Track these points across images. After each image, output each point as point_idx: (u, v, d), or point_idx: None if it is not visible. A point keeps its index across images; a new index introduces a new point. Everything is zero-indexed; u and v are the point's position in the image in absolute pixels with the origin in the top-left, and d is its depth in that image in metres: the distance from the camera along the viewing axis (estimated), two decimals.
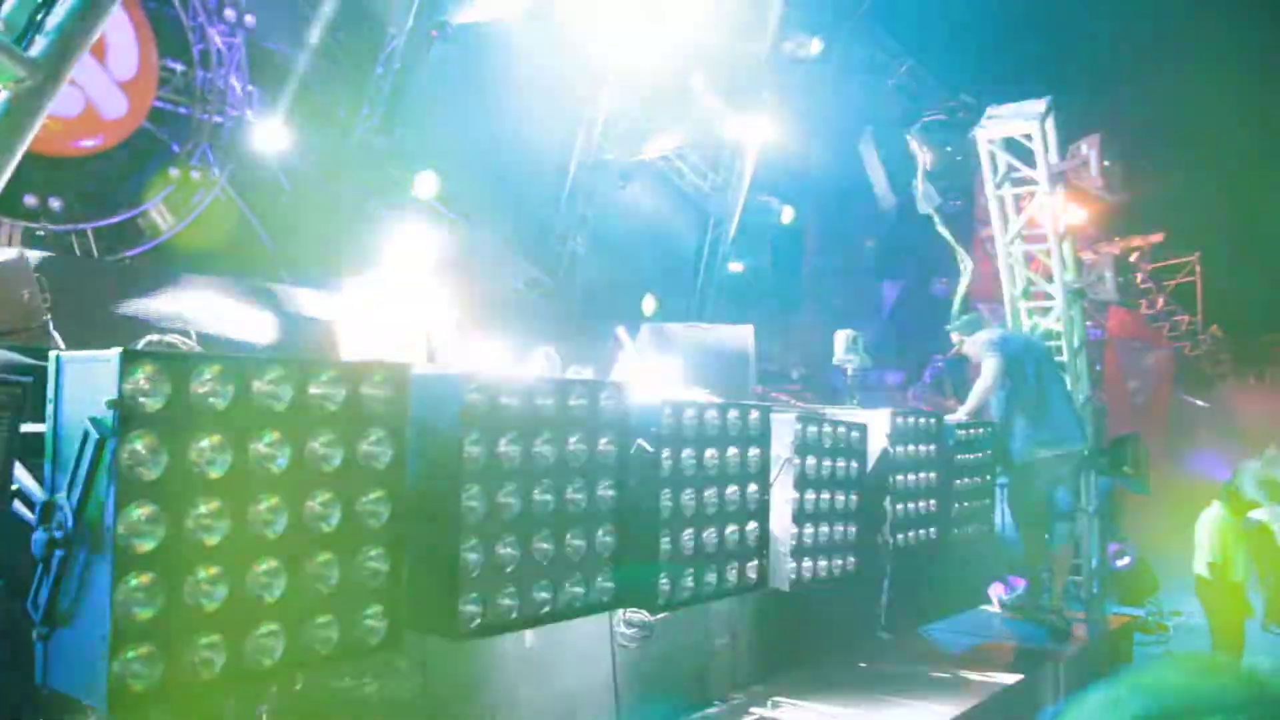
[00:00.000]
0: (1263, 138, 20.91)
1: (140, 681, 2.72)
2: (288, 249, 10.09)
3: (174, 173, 9.38)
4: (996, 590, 9.56)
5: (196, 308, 7.71)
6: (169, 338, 4.36)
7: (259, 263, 9.80)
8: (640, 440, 4.27)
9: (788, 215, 16.03)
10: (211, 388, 2.92)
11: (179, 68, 9.59)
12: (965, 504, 7.45)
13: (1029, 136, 8.63)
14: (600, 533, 4.12)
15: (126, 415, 2.72)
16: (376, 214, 10.20)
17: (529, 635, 4.34)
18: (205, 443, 2.89)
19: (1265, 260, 23.09)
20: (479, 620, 3.63)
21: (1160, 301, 23.40)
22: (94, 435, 2.71)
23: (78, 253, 8.76)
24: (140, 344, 4.23)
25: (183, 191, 9.43)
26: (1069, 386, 8.70)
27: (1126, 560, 13.65)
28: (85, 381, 2.83)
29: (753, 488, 4.93)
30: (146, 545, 2.75)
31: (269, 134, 9.80)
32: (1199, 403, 22.16)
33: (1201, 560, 9.11)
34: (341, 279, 8.82)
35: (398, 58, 10.93)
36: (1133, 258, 20.61)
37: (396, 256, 8.97)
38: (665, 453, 4.39)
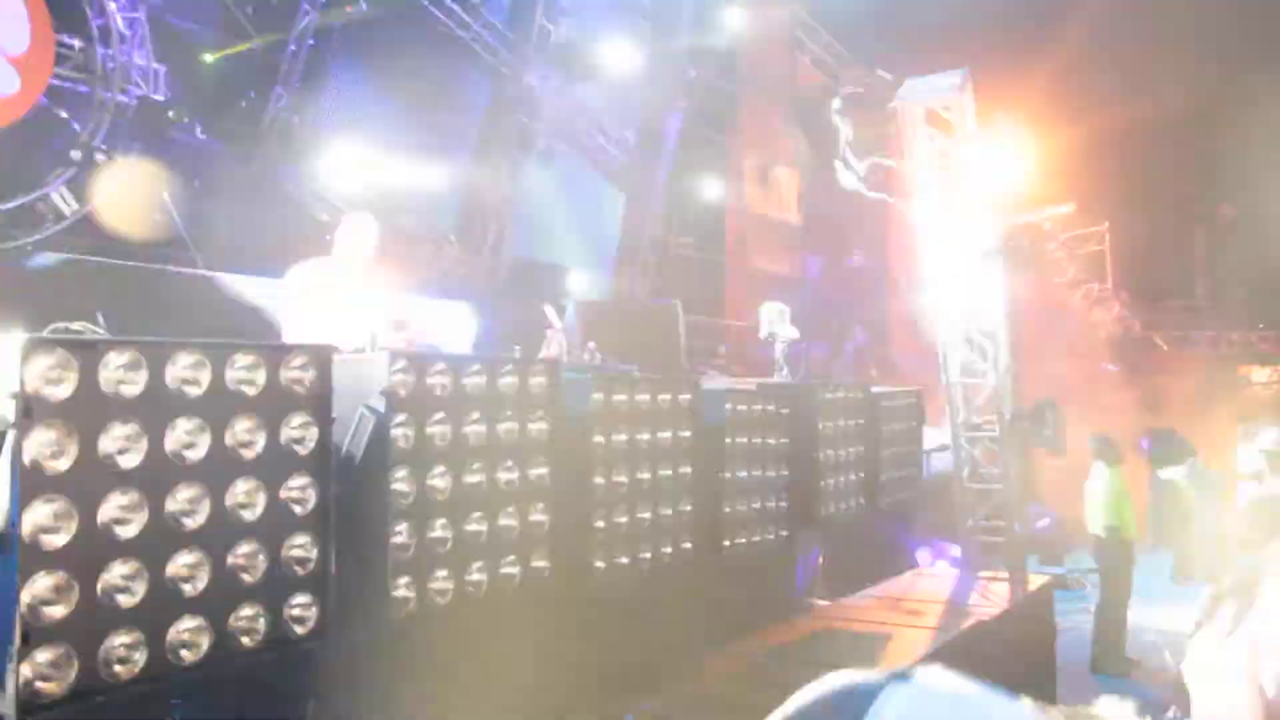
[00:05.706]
0: (1167, 108, 21.64)
1: (53, 684, 2.61)
2: (200, 233, 9.74)
3: (76, 155, 8.92)
4: (924, 555, 9.80)
5: (104, 295, 7.39)
6: (75, 325, 4.17)
7: (170, 247, 9.43)
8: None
9: (713, 191, 16.08)
10: (122, 375, 2.80)
11: (77, 44, 9.12)
12: (893, 473, 7.59)
13: (948, 108, 8.77)
14: (534, 512, 4.08)
15: (30, 406, 2.59)
16: (292, 196, 9.90)
17: None
18: (117, 432, 2.77)
19: (1171, 228, 24.01)
20: (412, 605, 3.57)
21: (1071, 271, 24.13)
22: None
23: None
24: (45, 331, 4.04)
25: (86, 174, 9.00)
26: (989, 355, 8.91)
27: (1046, 522, 14.14)
28: None
29: (685, 467, 4.95)
30: (56, 541, 2.63)
31: (178, 114, 9.42)
32: (1110, 368, 22.96)
33: (1098, 522, 9.42)
34: (257, 263, 8.54)
35: (311, 33, 10.60)
36: (1046, 227, 21.20)
37: (313, 241, 8.73)
38: (597, 432, 4.36)
